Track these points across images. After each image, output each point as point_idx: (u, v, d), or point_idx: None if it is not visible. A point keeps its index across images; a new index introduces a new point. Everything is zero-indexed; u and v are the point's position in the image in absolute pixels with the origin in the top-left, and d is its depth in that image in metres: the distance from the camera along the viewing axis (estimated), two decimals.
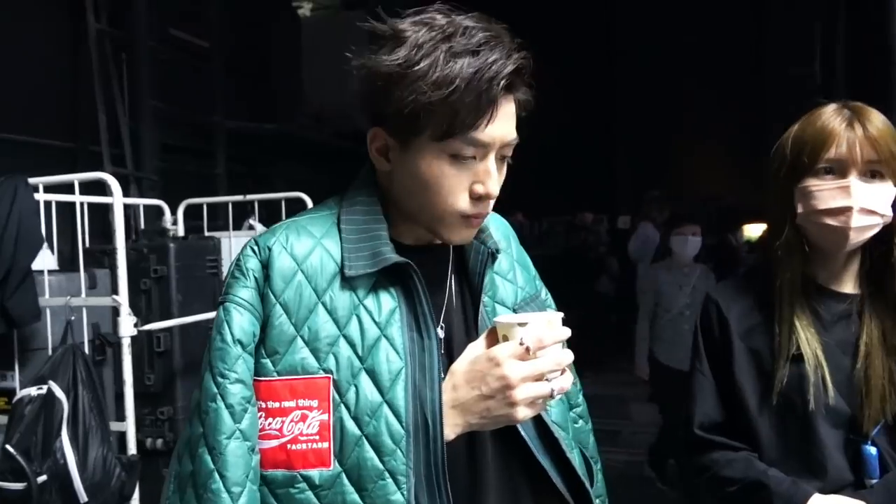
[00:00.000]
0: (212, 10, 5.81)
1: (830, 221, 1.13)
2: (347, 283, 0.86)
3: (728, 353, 1.22)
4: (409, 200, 0.89)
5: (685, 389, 1.30)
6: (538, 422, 0.95)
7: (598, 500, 1.18)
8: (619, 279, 6.82)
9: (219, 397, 0.81)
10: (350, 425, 0.82)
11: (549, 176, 9.66)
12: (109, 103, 4.70)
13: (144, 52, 4.88)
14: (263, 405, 0.83)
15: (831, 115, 1.15)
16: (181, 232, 3.30)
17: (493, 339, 0.87)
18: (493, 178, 0.86)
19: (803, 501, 1.10)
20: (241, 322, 0.84)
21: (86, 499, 1.97)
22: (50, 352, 2.19)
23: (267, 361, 0.84)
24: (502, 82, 0.82)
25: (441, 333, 0.92)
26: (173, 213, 3.35)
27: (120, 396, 2.26)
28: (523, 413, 0.83)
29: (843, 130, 1.12)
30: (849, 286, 1.21)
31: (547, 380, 0.83)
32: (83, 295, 2.24)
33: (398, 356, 0.84)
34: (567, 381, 0.85)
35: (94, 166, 4.35)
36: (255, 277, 0.86)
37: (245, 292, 0.86)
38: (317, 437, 0.82)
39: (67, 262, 2.96)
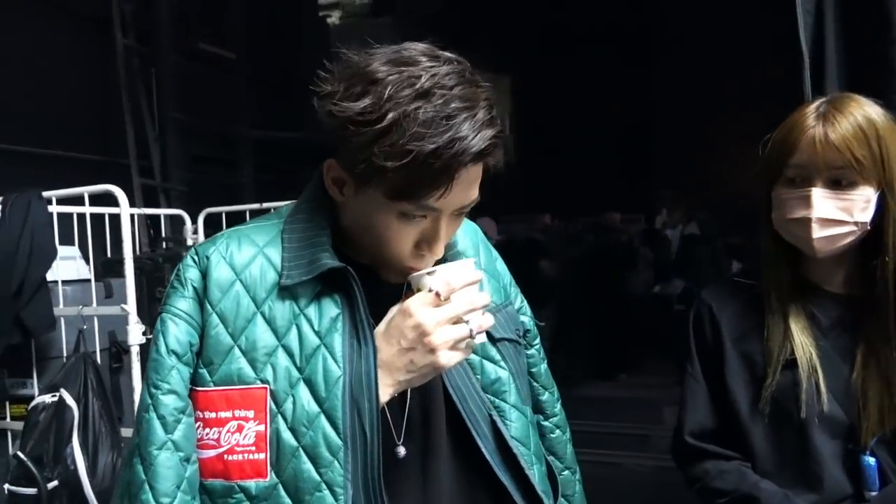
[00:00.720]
0: (240, 21, 5.92)
1: (796, 232, 1.09)
2: (288, 292, 0.85)
3: (720, 358, 1.18)
4: (356, 234, 0.89)
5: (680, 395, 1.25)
6: (498, 437, 0.93)
7: None
8: (651, 280, 6.69)
9: (151, 408, 0.82)
10: (287, 436, 0.81)
11: (580, 176, 9.56)
12: (137, 117, 4.84)
13: (171, 67, 5.01)
14: (201, 415, 0.83)
15: (803, 117, 1.08)
16: (202, 241, 3.35)
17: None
18: (439, 240, 0.85)
19: None
20: (177, 333, 0.84)
21: None
22: (65, 360, 2.25)
23: (204, 371, 0.84)
24: (464, 161, 0.78)
25: None
26: (194, 222, 3.41)
27: None
28: (446, 358, 0.81)
29: (808, 135, 1.06)
30: (845, 287, 1.15)
31: (465, 322, 0.82)
32: (94, 304, 2.30)
33: (336, 364, 0.83)
34: (487, 320, 0.84)
35: (123, 178, 4.49)
36: (193, 287, 0.86)
37: (182, 303, 0.86)
38: (253, 448, 0.81)
39: (99, 272, 3.05)
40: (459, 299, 0.82)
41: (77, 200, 2.41)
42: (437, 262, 0.89)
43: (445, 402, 0.92)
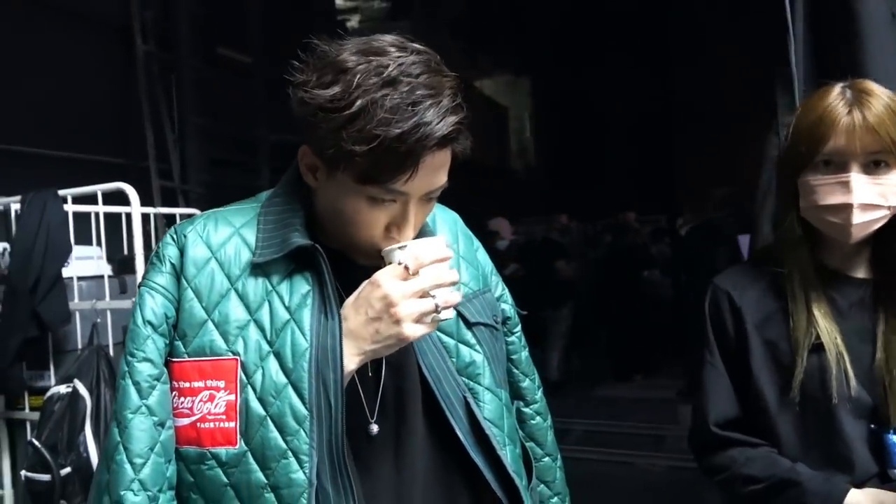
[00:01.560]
0: (258, 26, 6.02)
1: (831, 218, 1.09)
2: (261, 270, 0.90)
3: (744, 346, 1.16)
4: (330, 218, 0.93)
5: (696, 384, 1.23)
6: (472, 418, 0.96)
7: (555, 499, 1.18)
8: (664, 282, 6.67)
9: (127, 374, 0.87)
10: (255, 405, 0.85)
11: (598, 176, 9.53)
12: (157, 121, 4.96)
13: (190, 72, 5.13)
14: (176, 385, 0.88)
15: (831, 102, 1.08)
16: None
17: None
18: (409, 224, 0.87)
19: (841, 498, 1.06)
20: (153, 305, 0.89)
21: None
22: (79, 353, 2.33)
23: (179, 343, 0.89)
24: (428, 145, 0.81)
25: None
26: None
27: None
28: (411, 329, 0.84)
29: (842, 120, 1.06)
30: (862, 271, 1.16)
31: (432, 296, 0.85)
32: (107, 299, 2.38)
33: (304, 338, 0.87)
34: (454, 296, 0.87)
35: (143, 181, 4.60)
36: (171, 263, 0.92)
37: (160, 277, 0.91)
38: (223, 417, 0.85)
39: (116, 269, 3.15)
40: (428, 274, 0.84)
41: (94, 199, 2.49)
42: None
43: (421, 384, 0.95)
